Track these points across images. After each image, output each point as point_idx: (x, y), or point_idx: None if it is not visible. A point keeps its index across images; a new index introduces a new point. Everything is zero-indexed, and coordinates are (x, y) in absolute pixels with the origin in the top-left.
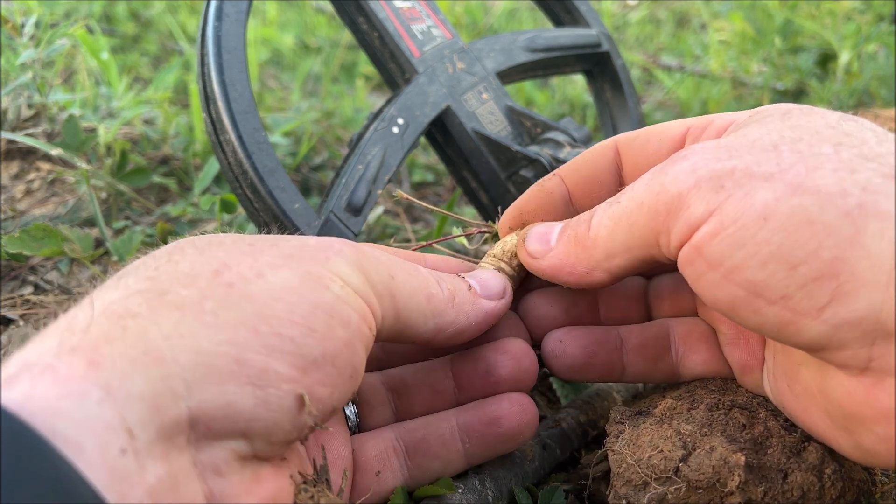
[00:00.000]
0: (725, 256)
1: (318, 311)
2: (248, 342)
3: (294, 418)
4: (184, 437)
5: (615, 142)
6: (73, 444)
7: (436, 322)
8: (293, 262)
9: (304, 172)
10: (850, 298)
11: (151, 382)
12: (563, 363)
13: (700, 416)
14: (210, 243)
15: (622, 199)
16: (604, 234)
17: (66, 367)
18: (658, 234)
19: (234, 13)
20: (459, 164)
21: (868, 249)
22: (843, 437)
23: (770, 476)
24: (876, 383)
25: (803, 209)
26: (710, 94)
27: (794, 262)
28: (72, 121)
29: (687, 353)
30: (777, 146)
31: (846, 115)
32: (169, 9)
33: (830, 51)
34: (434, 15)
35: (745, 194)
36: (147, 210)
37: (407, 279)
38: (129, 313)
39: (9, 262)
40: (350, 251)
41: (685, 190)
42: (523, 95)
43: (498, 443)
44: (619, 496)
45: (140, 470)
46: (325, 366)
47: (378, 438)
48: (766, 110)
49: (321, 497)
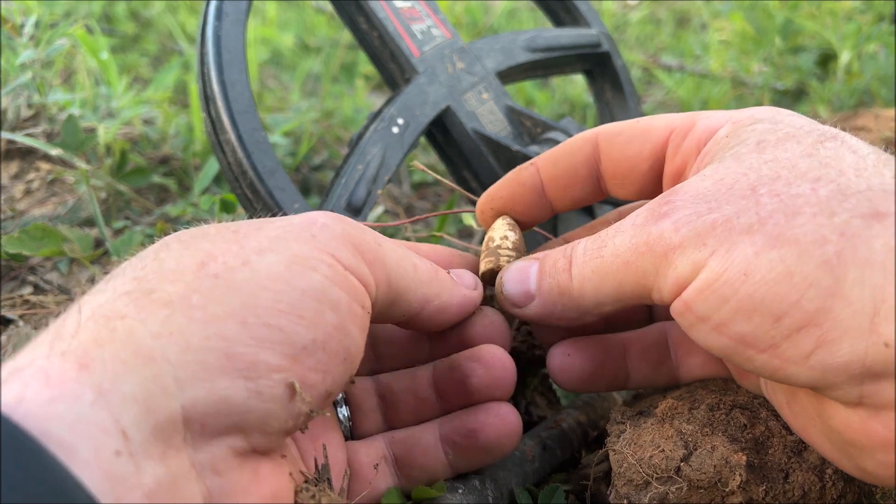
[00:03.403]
0: (713, 311)
1: (305, 298)
2: (237, 335)
3: (287, 407)
4: (180, 436)
5: (596, 135)
6: (66, 446)
7: (423, 292)
8: (278, 245)
9: (304, 172)
10: (835, 346)
11: (143, 382)
12: (571, 377)
13: (701, 416)
14: (195, 236)
15: (604, 253)
16: (590, 287)
17: (57, 370)
18: (650, 291)
19: (234, 13)
20: (459, 164)
21: (849, 298)
22: (844, 459)
23: (771, 476)
24: (872, 415)
25: (782, 262)
26: (711, 93)
27: (778, 315)
28: (71, 121)
29: (685, 356)
30: (755, 189)
31: (825, 131)
32: (169, 9)
33: (831, 51)
34: (434, 15)
35: (726, 250)
36: (147, 210)
37: (392, 247)
38: (117, 315)
39: (8, 262)
40: (335, 223)
41: (670, 250)
42: (523, 95)
43: (479, 454)
44: (620, 496)
45: (137, 472)
46: (317, 352)
47: (370, 446)
48: (743, 130)
49: (322, 496)
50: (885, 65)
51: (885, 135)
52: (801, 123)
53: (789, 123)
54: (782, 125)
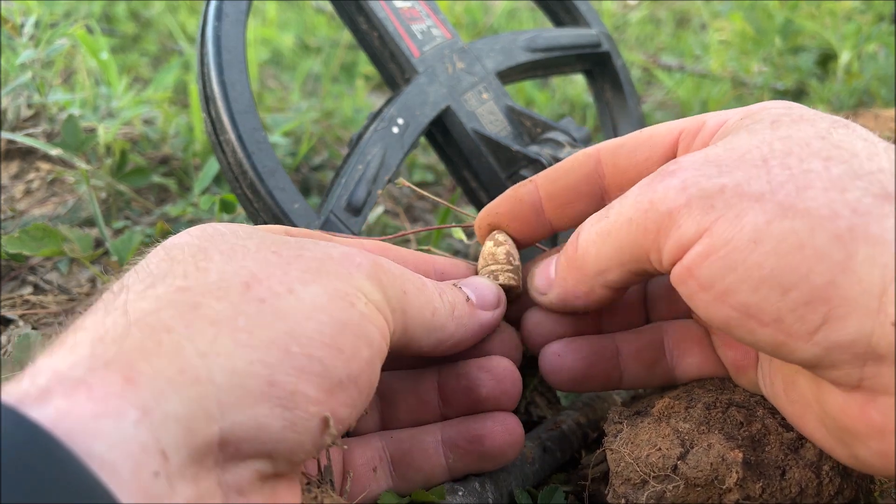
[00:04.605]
0: (717, 279)
1: (346, 331)
2: (280, 363)
3: (317, 440)
4: (213, 458)
5: (598, 151)
6: (108, 466)
7: (437, 336)
8: (321, 277)
9: (304, 172)
10: (842, 323)
11: (187, 403)
12: (562, 377)
13: (698, 415)
14: (235, 250)
15: (610, 214)
16: (593, 251)
17: (101, 383)
18: (648, 252)
19: (234, 13)
20: (459, 164)
21: (859, 275)
22: (839, 447)
23: (768, 473)
24: (868, 401)
25: (794, 233)
26: (711, 94)
27: (786, 287)
28: (71, 121)
29: (681, 356)
30: (767, 161)
31: (838, 120)
32: (169, 9)
33: (831, 51)
34: (434, 15)
35: (735, 215)
36: (147, 210)
37: (416, 294)
38: (164, 327)
39: (8, 262)
40: (369, 264)
41: (675, 208)
42: (523, 95)
43: (481, 460)
44: (617, 495)
45: (171, 492)
46: (349, 387)
47: (366, 446)
48: (756, 113)
49: (325, 497)
50: (885, 65)
51: (885, 135)
52: (816, 112)
53: (804, 110)
54: (797, 110)
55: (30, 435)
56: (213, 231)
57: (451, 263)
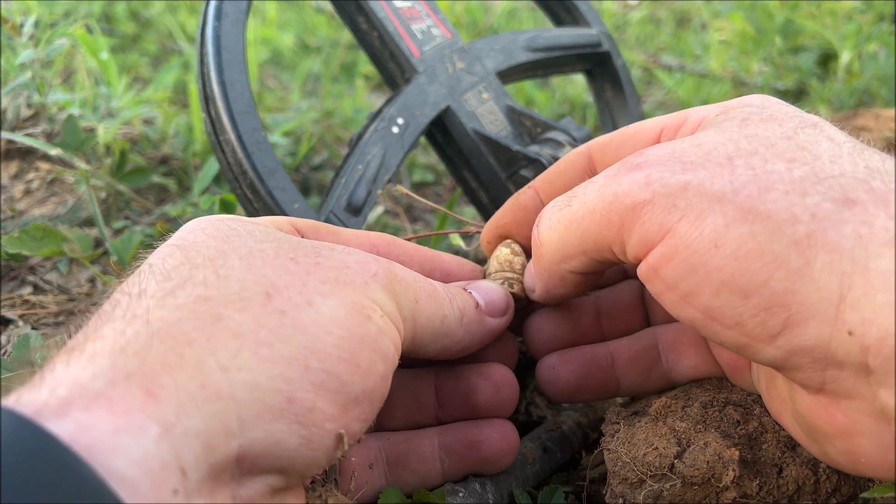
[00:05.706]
0: (680, 280)
1: (363, 346)
2: (300, 379)
3: (331, 455)
4: (229, 473)
5: (588, 149)
6: (128, 483)
7: (444, 343)
8: (338, 288)
9: (304, 172)
10: (801, 328)
11: (208, 419)
12: (558, 389)
13: (694, 414)
14: (253, 255)
15: (573, 203)
16: (555, 237)
17: (122, 397)
18: (611, 244)
19: (233, 13)
20: (459, 164)
21: (817, 282)
22: (812, 445)
23: (765, 471)
24: (832, 403)
25: (753, 237)
26: (711, 93)
27: (746, 292)
28: (71, 120)
29: (677, 359)
30: (731, 159)
31: (807, 118)
32: (169, 9)
33: (831, 50)
34: (434, 14)
35: (696, 216)
36: (146, 210)
37: (428, 302)
38: (186, 339)
39: (8, 262)
40: (384, 274)
41: (639, 203)
42: (523, 95)
43: (476, 466)
44: (615, 495)
45: None
46: (364, 402)
47: (362, 446)
48: (732, 110)
49: (329, 496)
50: (885, 65)
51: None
52: (787, 110)
53: (776, 108)
54: (769, 109)
55: (48, 450)
56: (228, 230)
57: (456, 263)
